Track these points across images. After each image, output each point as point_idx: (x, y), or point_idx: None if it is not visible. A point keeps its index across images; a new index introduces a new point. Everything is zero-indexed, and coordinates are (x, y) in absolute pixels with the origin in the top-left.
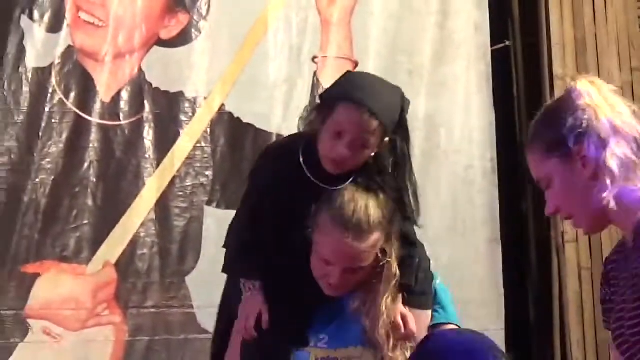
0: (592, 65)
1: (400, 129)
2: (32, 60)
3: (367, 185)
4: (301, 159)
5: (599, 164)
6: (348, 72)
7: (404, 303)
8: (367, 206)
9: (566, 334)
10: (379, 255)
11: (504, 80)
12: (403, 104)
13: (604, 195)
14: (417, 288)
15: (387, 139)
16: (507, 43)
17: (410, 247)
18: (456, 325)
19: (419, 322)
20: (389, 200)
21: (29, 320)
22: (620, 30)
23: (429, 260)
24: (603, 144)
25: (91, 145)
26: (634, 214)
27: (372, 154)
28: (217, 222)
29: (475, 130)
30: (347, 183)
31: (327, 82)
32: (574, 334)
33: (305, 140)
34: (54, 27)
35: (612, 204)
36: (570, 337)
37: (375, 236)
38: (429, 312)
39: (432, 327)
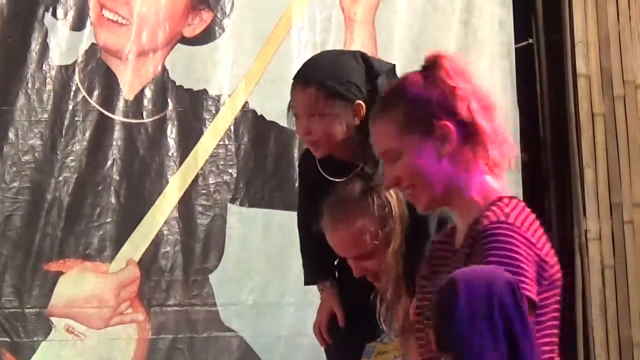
0: (616, 63)
1: (374, 93)
2: (55, 58)
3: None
4: (317, 159)
5: (459, 144)
6: None
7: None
8: (352, 195)
9: (589, 332)
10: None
11: (527, 78)
12: (369, 66)
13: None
14: None
15: (358, 101)
16: (530, 41)
17: (424, 238)
18: None
19: None
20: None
21: (52, 319)
22: None
23: None
24: (467, 125)
25: (114, 143)
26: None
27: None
28: (241, 220)
29: None
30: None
31: None
32: (597, 333)
33: None
34: (78, 25)
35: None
36: (594, 336)
37: (360, 223)
38: None
39: None
